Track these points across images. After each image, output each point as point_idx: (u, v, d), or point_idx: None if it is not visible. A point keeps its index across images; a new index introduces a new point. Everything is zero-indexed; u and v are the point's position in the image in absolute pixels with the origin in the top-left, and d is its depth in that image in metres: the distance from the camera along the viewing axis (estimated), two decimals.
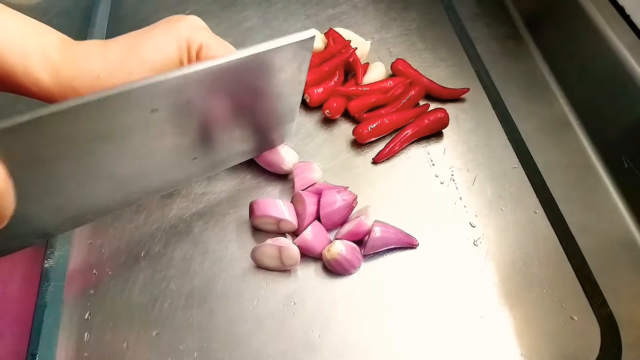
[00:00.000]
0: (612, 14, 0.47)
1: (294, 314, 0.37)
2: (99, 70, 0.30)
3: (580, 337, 0.36)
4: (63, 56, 0.30)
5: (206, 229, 0.41)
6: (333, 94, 0.48)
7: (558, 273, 0.39)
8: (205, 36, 0.32)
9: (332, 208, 0.39)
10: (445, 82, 0.51)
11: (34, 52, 0.29)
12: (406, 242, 0.40)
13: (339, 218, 0.40)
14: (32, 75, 0.29)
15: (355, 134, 0.46)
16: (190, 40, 0.31)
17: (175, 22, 0.32)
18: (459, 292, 0.38)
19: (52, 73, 0.29)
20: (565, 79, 0.52)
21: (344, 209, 0.39)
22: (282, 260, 0.37)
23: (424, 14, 0.59)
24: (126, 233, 0.40)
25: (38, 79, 0.29)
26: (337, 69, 0.49)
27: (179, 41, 0.31)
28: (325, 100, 0.48)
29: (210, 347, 0.35)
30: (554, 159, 0.46)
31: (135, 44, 0.31)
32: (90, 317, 0.36)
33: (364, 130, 0.45)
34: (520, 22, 0.59)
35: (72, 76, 0.29)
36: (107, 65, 0.30)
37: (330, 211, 0.39)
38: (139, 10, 0.57)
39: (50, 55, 0.29)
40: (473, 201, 0.43)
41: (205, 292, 0.37)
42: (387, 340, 0.36)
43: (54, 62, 0.29)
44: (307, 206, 0.38)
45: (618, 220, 0.43)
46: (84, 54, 0.30)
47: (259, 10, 0.58)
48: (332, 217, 0.39)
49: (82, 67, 0.29)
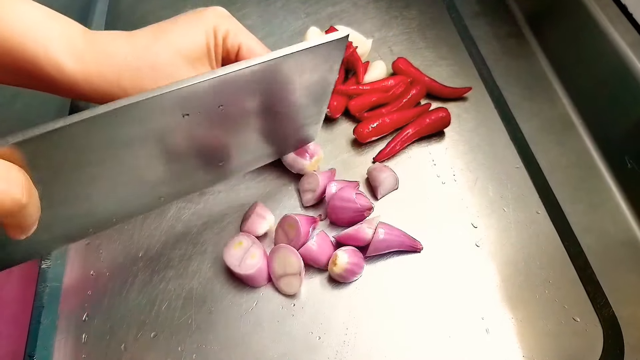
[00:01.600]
0: (614, 12, 0.47)
1: (294, 316, 0.36)
2: (126, 53, 0.29)
3: (583, 338, 0.36)
4: (87, 42, 0.29)
5: (204, 230, 0.40)
6: (333, 93, 0.47)
7: (560, 274, 0.39)
8: (231, 23, 0.32)
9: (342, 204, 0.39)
10: (447, 81, 0.51)
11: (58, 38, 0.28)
12: (410, 245, 0.39)
13: (346, 218, 0.39)
14: (55, 61, 0.28)
15: (355, 133, 0.45)
16: (216, 26, 0.31)
17: (200, 11, 0.32)
18: (460, 292, 0.38)
19: (76, 57, 0.29)
20: (567, 77, 0.52)
21: (353, 211, 0.39)
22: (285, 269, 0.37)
23: (425, 12, 0.58)
24: (124, 234, 0.40)
25: (61, 65, 0.28)
26: None
27: (206, 27, 0.31)
28: None
29: (209, 349, 0.35)
30: (557, 158, 0.46)
31: (162, 30, 0.31)
32: (87, 319, 0.36)
33: (365, 130, 0.45)
34: (522, 20, 0.58)
35: (97, 60, 0.29)
36: (134, 49, 0.30)
37: (341, 207, 0.39)
38: (137, 7, 0.57)
39: (74, 41, 0.29)
40: (475, 201, 0.43)
41: (204, 293, 0.37)
42: (387, 340, 0.36)
43: (78, 47, 0.29)
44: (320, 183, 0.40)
45: (621, 221, 0.42)
46: (108, 40, 0.30)
47: (258, 8, 0.58)
48: (338, 213, 0.39)
49: (108, 52, 0.29)
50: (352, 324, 0.36)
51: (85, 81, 0.29)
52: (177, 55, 0.30)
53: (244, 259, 0.36)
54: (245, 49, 0.33)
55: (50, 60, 0.28)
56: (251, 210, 0.40)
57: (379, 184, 0.42)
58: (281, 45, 0.52)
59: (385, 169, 0.43)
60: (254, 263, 0.36)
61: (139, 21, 0.55)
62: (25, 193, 0.21)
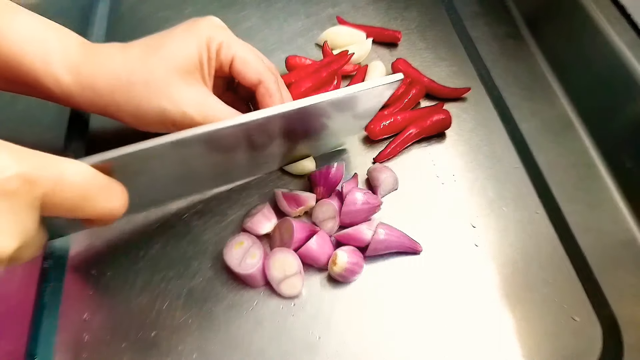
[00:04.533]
0: (613, 13, 0.47)
1: (294, 315, 0.36)
2: (119, 68, 0.30)
3: (582, 337, 0.36)
4: (83, 55, 0.30)
5: (205, 229, 0.40)
6: None
7: (559, 273, 0.39)
8: (224, 35, 0.32)
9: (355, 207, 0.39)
10: (446, 81, 0.51)
11: (54, 51, 0.29)
12: (409, 247, 0.39)
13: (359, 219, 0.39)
14: (52, 73, 0.29)
15: (367, 130, 0.45)
16: (210, 39, 0.31)
17: (194, 23, 0.32)
18: (459, 292, 0.38)
19: (72, 71, 0.29)
20: (566, 78, 0.52)
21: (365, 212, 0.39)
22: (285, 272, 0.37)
23: (424, 13, 0.59)
24: (125, 234, 0.40)
25: (58, 77, 0.29)
26: (334, 74, 0.48)
27: (199, 40, 0.31)
28: None
29: (209, 348, 0.35)
30: (556, 158, 0.46)
31: (155, 44, 0.31)
32: (89, 318, 0.36)
33: (377, 127, 0.45)
34: (521, 21, 0.58)
35: (92, 74, 0.29)
36: (128, 63, 0.30)
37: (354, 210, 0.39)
38: (138, 9, 0.57)
39: (71, 53, 0.29)
40: (474, 201, 0.43)
41: (204, 292, 0.37)
42: (387, 340, 0.36)
43: (75, 60, 0.29)
44: None
45: (620, 221, 0.43)
46: (104, 53, 0.30)
47: (258, 9, 0.58)
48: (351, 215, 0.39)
49: (103, 65, 0.30)
50: (352, 323, 0.36)
51: (80, 95, 0.30)
52: (170, 72, 0.30)
53: (244, 259, 0.37)
54: (238, 61, 0.33)
55: (47, 73, 0.29)
56: (258, 209, 0.40)
57: (378, 184, 0.42)
58: (281, 46, 0.53)
59: (385, 169, 0.43)
60: (254, 263, 0.36)
61: (141, 22, 0.55)
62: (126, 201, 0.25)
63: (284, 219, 0.38)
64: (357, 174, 0.43)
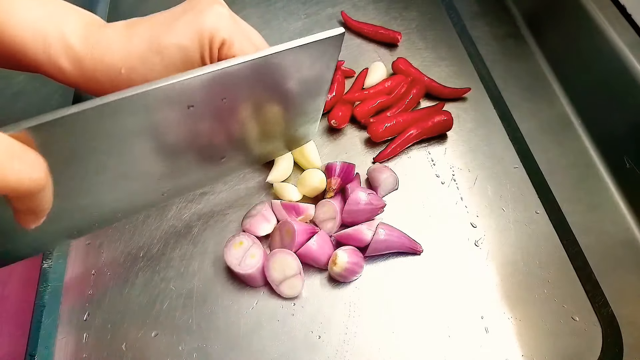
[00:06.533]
0: (613, 13, 0.47)
1: (294, 315, 0.36)
2: (120, 65, 0.30)
3: (582, 337, 0.36)
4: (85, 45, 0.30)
5: (205, 229, 0.40)
6: (337, 102, 0.47)
7: (559, 273, 0.39)
8: (229, 31, 0.31)
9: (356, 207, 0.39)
10: (446, 81, 0.51)
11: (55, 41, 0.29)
12: (410, 247, 0.39)
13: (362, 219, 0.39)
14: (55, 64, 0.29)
15: (370, 132, 0.45)
16: (212, 37, 0.31)
17: (200, 13, 0.31)
18: (459, 292, 0.38)
19: (74, 63, 0.29)
20: (566, 78, 0.52)
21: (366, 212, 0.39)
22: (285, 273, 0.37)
23: (424, 13, 0.59)
24: (125, 234, 0.40)
25: (61, 68, 0.29)
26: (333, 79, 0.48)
27: (200, 38, 0.30)
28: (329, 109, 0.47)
29: (209, 348, 0.35)
30: (556, 158, 0.46)
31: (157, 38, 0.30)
32: (88, 318, 0.36)
33: (379, 129, 0.45)
34: (521, 21, 0.58)
35: (94, 68, 0.30)
36: (129, 60, 0.30)
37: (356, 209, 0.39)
38: (138, 6, 0.57)
39: (72, 44, 0.29)
40: (474, 201, 0.43)
41: (204, 292, 0.37)
42: (387, 340, 0.36)
43: (76, 51, 0.29)
44: None
45: (620, 221, 0.43)
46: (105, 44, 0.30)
47: (258, 9, 0.58)
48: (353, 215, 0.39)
49: (104, 61, 0.30)
50: (352, 323, 0.36)
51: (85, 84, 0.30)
52: (170, 68, 0.30)
53: (244, 259, 0.37)
54: None
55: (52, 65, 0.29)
56: (257, 210, 0.40)
57: (379, 184, 0.42)
58: None
59: (385, 169, 0.43)
60: (254, 263, 0.36)
61: None
62: (45, 173, 0.22)
63: (285, 221, 0.38)
64: (359, 174, 0.43)
